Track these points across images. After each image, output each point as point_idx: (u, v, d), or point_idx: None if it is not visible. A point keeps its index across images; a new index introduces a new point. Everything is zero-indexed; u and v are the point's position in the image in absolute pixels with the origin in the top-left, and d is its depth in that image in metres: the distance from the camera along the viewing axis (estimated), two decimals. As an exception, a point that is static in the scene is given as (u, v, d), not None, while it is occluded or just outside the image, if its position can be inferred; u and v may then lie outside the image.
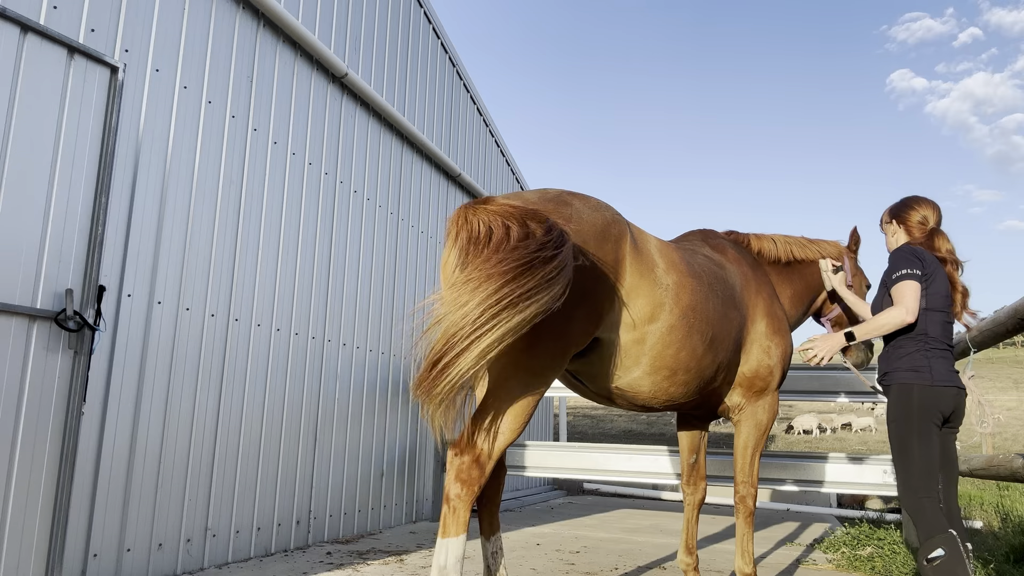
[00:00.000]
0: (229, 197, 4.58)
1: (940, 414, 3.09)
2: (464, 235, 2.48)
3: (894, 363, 3.22)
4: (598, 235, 2.82)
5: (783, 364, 3.63)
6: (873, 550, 5.11)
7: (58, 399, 3.01)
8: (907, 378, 3.14)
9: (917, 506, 3.00)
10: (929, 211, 3.45)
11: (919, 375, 3.12)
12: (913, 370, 3.14)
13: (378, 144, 6.40)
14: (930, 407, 3.07)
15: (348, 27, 5.95)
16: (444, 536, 2.42)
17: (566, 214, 2.75)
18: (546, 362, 2.61)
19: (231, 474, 4.50)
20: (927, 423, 3.06)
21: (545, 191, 2.89)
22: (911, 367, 3.15)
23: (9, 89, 2.90)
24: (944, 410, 3.10)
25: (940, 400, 3.09)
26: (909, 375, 3.14)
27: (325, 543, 5.33)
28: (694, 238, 3.88)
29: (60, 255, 3.05)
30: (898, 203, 3.56)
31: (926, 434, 3.05)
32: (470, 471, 2.45)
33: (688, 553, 3.79)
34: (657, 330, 2.99)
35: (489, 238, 2.43)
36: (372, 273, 6.21)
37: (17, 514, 2.84)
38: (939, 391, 3.09)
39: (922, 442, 3.05)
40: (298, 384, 5.17)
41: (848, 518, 8.24)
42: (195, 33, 4.35)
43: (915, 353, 3.17)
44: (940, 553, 2.84)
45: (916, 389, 3.10)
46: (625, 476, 6.41)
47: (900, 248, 3.30)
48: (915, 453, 3.04)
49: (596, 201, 2.96)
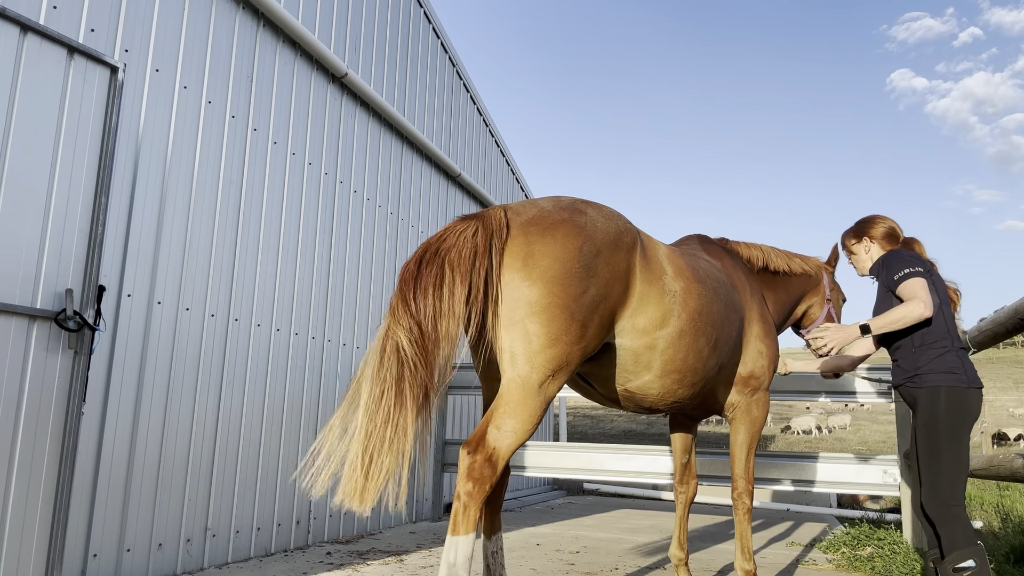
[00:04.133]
0: (229, 197, 4.58)
1: (973, 418, 2.95)
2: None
3: (926, 363, 3.05)
4: (611, 244, 2.90)
5: (773, 364, 3.80)
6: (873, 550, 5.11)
7: (58, 399, 3.01)
8: (944, 380, 2.98)
9: (945, 514, 2.87)
10: (893, 223, 3.43)
11: (956, 376, 2.98)
12: (949, 371, 2.99)
13: (378, 144, 6.40)
14: (966, 411, 2.95)
15: (348, 27, 5.95)
16: (454, 534, 2.44)
17: (580, 222, 2.83)
18: (560, 364, 2.67)
19: (231, 474, 4.50)
20: (963, 428, 2.93)
21: (559, 199, 2.96)
22: (947, 368, 3.00)
23: (9, 89, 2.90)
24: (976, 413, 2.98)
25: (974, 403, 2.97)
26: (946, 377, 2.99)
27: (325, 543, 5.32)
28: (692, 243, 4.01)
29: (60, 255, 3.05)
30: (858, 223, 3.50)
31: (961, 439, 2.93)
32: (482, 469, 2.49)
33: (680, 548, 3.89)
34: (667, 335, 3.08)
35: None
36: (372, 273, 6.21)
37: (17, 514, 2.83)
38: (974, 394, 2.97)
39: (955, 448, 2.92)
40: (298, 384, 5.17)
41: (848, 518, 8.24)
42: (195, 33, 4.35)
43: (948, 353, 3.02)
44: (971, 564, 2.76)
45: (954, 392, 2.95)
46: (625, 476, 6.41)
47: (892, 253, 3.22)
48: (947, 459, 2.91)
49: (609, 210, 3.04)
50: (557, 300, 2.63)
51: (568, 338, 2.65)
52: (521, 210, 2.83)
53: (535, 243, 2.69)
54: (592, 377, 3.21)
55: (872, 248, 3.41)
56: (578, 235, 2.78)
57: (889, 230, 3.40)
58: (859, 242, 3.45)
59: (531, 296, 2.62)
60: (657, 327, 3.04)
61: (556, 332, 2.62)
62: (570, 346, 2.67)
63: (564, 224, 2.79)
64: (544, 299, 2.63)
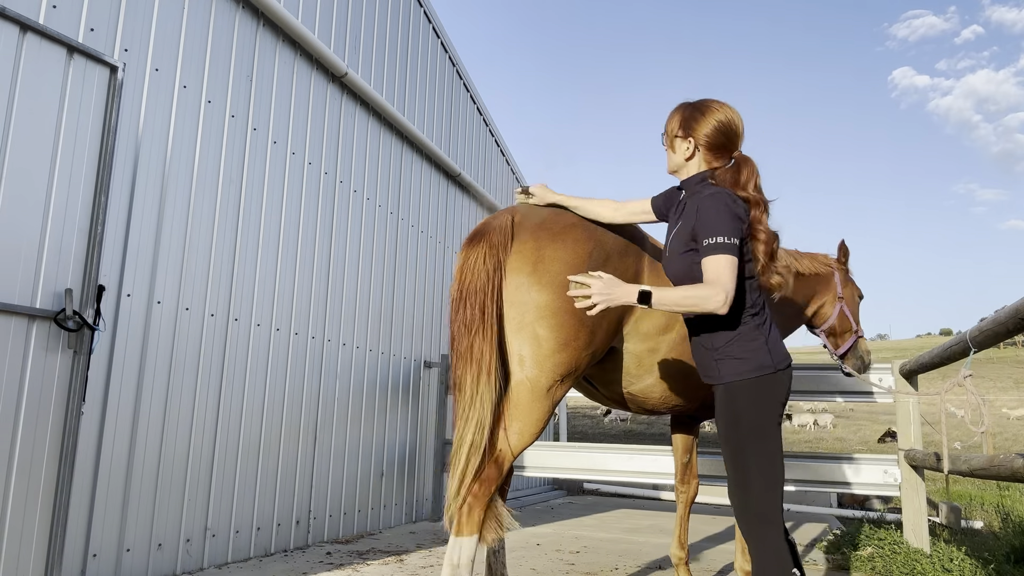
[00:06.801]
0: (229, 196, 4.57)
1: (781, 406, 2.38)
2: None
3: (723, 346, 2.41)
4: (621, 249, 2.94)
5: None
6: (873, 550, 5.11)
7: (57, 399, 3.00)
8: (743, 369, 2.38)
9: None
10: (735, 116, 2.50)
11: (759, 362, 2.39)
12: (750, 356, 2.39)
13: (378, 143, 6.40)
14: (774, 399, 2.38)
15: (348, 26, 5.94)
16: (458, 535, 2.45)
17: (591, 228, 2.88)
18: (569, 370, 2.71)
19: (231, 474, 4.49)
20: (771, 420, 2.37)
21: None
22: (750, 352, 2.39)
23: (9, 88, 2.89)
24: (784, 400, 2.40)
25: (782, 388, 2.40)
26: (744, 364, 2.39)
27: (325, 543, 5.32)
28: None
29: (59, 254, 3.05)
30: (691, 111, 2.52)
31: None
32: (488, 470, 2.51)
33: (680, 547, 3.89)
34: (670, 340, 3.13)
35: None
36: (372, 273, 6.21)
37: (16, 514, 2.83)
38: (782, 377, 2.40)
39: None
40: (298, 384, 5.16)
41: (848, 518, 8.24)
42: (194, 32, 4.35)
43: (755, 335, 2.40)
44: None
45: (761, 381, 2.36)
46: (625, 476, 6.40)
47: (717, 200, 2.35)
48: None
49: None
50: (567, 305, 2.65)
51: (577, 343, 2.69)
52: (531, 214, 2.86)
53: (545, 248, 2.72)
54: (595, 379, 3.26)
55: (695, 155, 2.51)
56: (588, 240, 2.82)
57: (722, 137, 2.47)
58: (684, 138, 2.52)
59: (541, 300, 2.65)
60: (660, 332, 3.09)
61: (565, 337, 2.66)
62: (579, 351, 2.70)
63: (575, 229, 2.83)
64: (554, 304, 2.65)
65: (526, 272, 2.69)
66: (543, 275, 2.68)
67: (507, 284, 2.68)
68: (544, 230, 2.77)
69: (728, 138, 2.49)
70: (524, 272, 2.69)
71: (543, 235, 2.75)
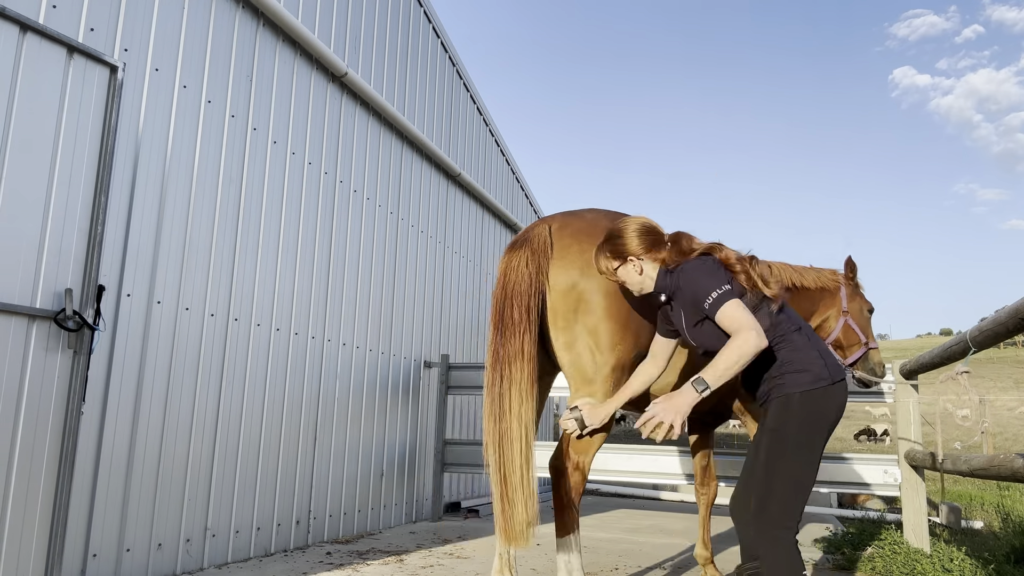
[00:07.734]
0: (229, 196, 4.57)
1: (829, 422, 2.49)
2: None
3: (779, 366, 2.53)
4: None
5: None
6: (873, 550, 5.10)
7: (57, 399, 3.00)
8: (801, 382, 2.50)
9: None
10: (646, 223, 2.74)
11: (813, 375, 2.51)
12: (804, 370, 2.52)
13: (378, 143, 6.40)
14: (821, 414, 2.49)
15: (348, 26, 5.94)
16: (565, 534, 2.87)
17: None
18: (617, 366, 2.98)
19: (231, 474, 4.49)
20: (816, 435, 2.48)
21: (596, 210, 3.25)
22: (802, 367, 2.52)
23: (8, 88, 2.89)
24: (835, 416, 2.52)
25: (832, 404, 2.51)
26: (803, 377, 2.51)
27: (325, 543, 5.32)
28: None
29: (59, 254, 3.04)
30: (606, 241, 2.75)
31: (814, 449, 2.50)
32: (572, 475, 2.89)
33: (704, 547, 4.09)
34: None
35: None
36: (372, 272, 6.21)
37: (16, 514, 2.83)
38: (835, 391, 2.52)
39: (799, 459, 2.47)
40: (298, 384, 5.16)
41: (848, 518, 8.24)
42: (194, 32, 4.35)
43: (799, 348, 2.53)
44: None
45: (809, 396, 2.47)
46: (625, 476, 6.40)
47: (687, 271, 2.58)
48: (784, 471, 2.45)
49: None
50: (614, 309, 2.92)
51: (624, 346, 2.95)
52: (569, 221, 3.11)
53: (589, 251, 2.95)
54: None
55: (647, 267, 2.69)
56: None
57: (649, 236, 2.69)
58: (624, 264, 2.71)
59: (593, 303, 2.92)
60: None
61: (622, 328, 2.94)
62: (626, 353, 2.95)
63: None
64: (602, 306, 2.91)
65: (575, 275, 2.94)
66: (592, 279, 2.92)
67: (554, 284, 2.93)
68: (584, 234, 3.01)
69: (653, 232, 2.72)
70: (574, 276, 2.94)
71: (584, 239, 2.99)
